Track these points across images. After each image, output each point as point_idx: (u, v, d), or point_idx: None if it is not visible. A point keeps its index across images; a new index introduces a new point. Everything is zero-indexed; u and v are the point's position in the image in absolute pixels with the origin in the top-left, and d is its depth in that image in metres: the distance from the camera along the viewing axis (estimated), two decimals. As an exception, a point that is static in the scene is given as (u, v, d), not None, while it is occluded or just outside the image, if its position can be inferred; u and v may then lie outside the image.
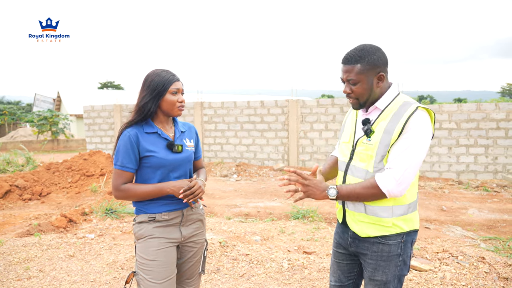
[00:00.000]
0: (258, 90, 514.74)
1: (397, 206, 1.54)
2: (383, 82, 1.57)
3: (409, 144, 1.47)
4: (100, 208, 5.16)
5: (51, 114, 19.23)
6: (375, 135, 1.54)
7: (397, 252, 1.57)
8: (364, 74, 1.53)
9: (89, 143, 11.99)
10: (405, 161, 1.46)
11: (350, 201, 1.61)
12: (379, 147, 1.52)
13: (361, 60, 1.52)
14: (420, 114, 1.48)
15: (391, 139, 1.49)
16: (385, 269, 1.58)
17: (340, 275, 1.78)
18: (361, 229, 1.61)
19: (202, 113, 10.68)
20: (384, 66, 1.55)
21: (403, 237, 1.57)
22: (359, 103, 1.59)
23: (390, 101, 1.57)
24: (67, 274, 3.24)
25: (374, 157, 1.53)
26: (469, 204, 6.12)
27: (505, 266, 3.20)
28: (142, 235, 1.76)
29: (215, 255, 3.58)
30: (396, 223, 1.55)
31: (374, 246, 1.58)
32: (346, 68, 1.55)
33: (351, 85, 1.56)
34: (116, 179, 1.73)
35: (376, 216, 1.56)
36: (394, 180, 1.45)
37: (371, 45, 1.55)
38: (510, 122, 8.09)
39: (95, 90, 32.92)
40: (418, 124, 1.47)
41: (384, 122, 1.53)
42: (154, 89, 1.72)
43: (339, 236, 1.77)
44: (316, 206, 5.53)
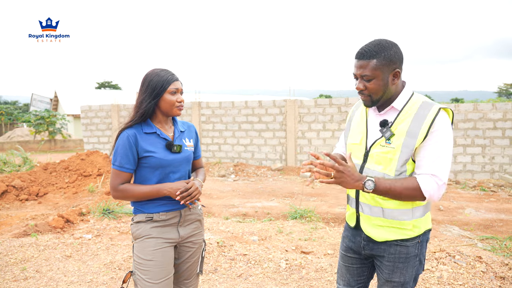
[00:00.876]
0: (256, 90, 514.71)
1: (416, 208, 1.51)
2: (398, 80, 1.50)
3: (442, 150, 1.42)
4: (98, 208, 5.15)
5: (48, 114, 19.16)
6: (396, 137, 1.47)
7: (415, 252, 1.55)
8: (380, 70, 1.45)
9: (86, 143, 11.95)
10: (444, 168, 1.42)
11: (381, 198, 1.52)
12: (402, 150, 1.45)
13: (377, 55, 1.44)
14: (444, 116, 1.44)
15: (416, 142, 1.43)
16: (403, 270, 1.55)
17: (349, 278, 1.75)
18: (378, 234, 1.56)
19: (199, 113, 10.67)
20: (400, 63, 1.49)
21: (420, 237, 1.55)
22: (372, 100, 1.52)
23: (407, 100, 1.51)
24: (64, 275, 3.22)
25: (395, 161, 1.47)
26: (466, 203, 6.14)
27: (501, 265, 3.21)
28: (139, 235, 1.75)
29: (213, 255, 3.57)
30: (416, 224, 1.52)
31: (392, 248, 1.55)
32: (361, 63, 1.47)
33: (365, 81, 1.49)
34: (114, 179, 1.72)
35: (396, 220, 1.52)
36: (436, 186, 1.41)
37: (387, 40, 1.49)
38: (507, 122, 8.12)
39: (92, 90, 32.83)
40: (444, 127, 1.43)
41: (405, 124, 1.46)
42: (153, 89, 1.71)
43: (349, 240, 1.71)
44: (313, 206, 5.54)
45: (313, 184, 1.48)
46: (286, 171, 9.31)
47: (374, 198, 1.54)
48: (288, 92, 11.08)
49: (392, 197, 1.45)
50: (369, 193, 1.50)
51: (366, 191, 1.43)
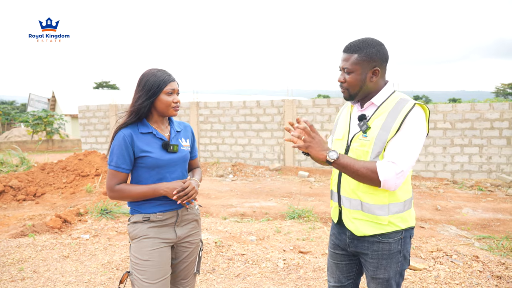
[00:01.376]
0: (254, 90, 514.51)
1: (393, 204, 1.55)
2: (378, 78, 1.56)
3: (408, 141, 1.47)
4: (95, 208, 5.14)
5: (46, 114, 19.10)
6: (371, 131, 1.53)
7: (398, 248, 1.58)
8: (359, 65, 1.53)
9: (84, 143, 11.93)
10: (405, 157, 1.46)
11: (360, 191, 1.57)
12: (376, 143, 1.51)
13: (359, 51, 1.52)
14: (417, 111, 1.49)
15: (388, 135, 1.48)
16: (387, 266, 1.58)
17: (339, 275, 1.78)
18: (356, 228, 1.60)
19: (197, 113, 10.67)
20: (381, 62, 1.54)
21: (402, 234, 1.58)
22: (349, 93, 1.59)
23: (386, 97, 1.57)
24: (62, 275, 3.22)
25: (369, 153, 1.52)
26: (463, 203, 6.16)
27: (498, 264, 3.22)
28: (136, 235, 1.75)
29: (211, 255, 3.57)
30: (392, 221, 1.55)
31: (374, 245, 1.58)
32: (345, 56, 1.56)
33: (345, 74, 1.57)
34: (110, 179, 1.72)
35: (372, 214, 1.55)
36: (394, 174, 1.45)
37: (374, 39, 1.55)
38: (504, 122, 8.16)
39: (90, 90, 32.76)
40: (415, 122, 1.48)
41: (381, 118, 1.53)
42: (149, 90, 1.71)
43: (335, 237, 1.75)
44: (311, 206, 5.54)
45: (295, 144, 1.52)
46: (284, 171, 9.32)
47: (354, 191, 1.59)
48: (286, 92, 11.09)
49: (350, 173, 1.49)
50: (350, 187, 1.59)
51: (327, 161, 1.48)
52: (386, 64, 1.58)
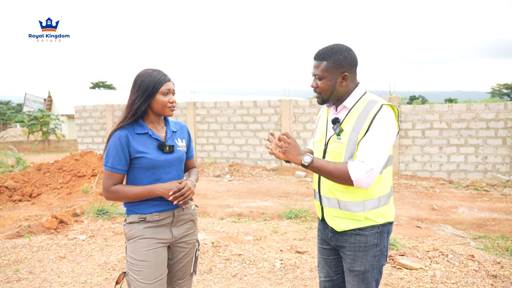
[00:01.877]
0: (251, 90, 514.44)
1: (367, 200, 1.61)
2: (347, 82, 1.62)
3: (376, 140, 1.53)
4: (92, 209, 5.12)
5: (42, 114, 19.00)
6: (344, 133, 1.60)
7: (374, 242, 1.64)
8: (329, 72, 1.60)
9: (80, 143, 11.88)
10: (374, 156, 1.52)
11: (336, 190, 1.65)
12: (348, 144, 1.58)
13: (328, 58, 1.59)
14: (385, 112, 1.55)
15: (358, 136, 1.55)
16: (363, 259, 1.64)
17: (328, 270, 1.85)
18: (336, 224, 1.68)
19: (195, 113, 10.65)
20: (350, 67, 1.62)
21: (379, 228, 1.64)
22: (322, 98, 1.66)
23: (357, 100, 1.64)
24: (58, 276, 3.21)
25: (343, 154, 1.59)
26: (459, 203, 6.20)
27: (494, 264, 3.24)
28: (132, 235, 1.75)
29: (208, 255, 3.57)
30: (368, 216, 1.61)
31: (352, 238, 1.65)
32: (315, 63, 1.64)
33: (317, 80, 1.64)
34: (106, 180, 1.72)
35: (349, 211, 1.62)
36: (364, 172, 1.50)
37: (342, 45, 1.62)
38: (500, 122, 8.21)
39: (86, 90, 32.62)
40: (384, 121, 1.54)
41: (352, 120, 1.60)
42: (145, 90, 1.71)
43: (321, 233, 1.83)
44: (308, 206, 5.55)
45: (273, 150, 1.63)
46: (281, 171, 9.32)
47: (331, 191, 1.66)
48: (283, 92, 11.10)
49: (324, 175, 1.57)
50: (327, 187, 1.67)
51: (302, 165, 1.56)
52: (355, 68, 1.65)
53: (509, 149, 8.21)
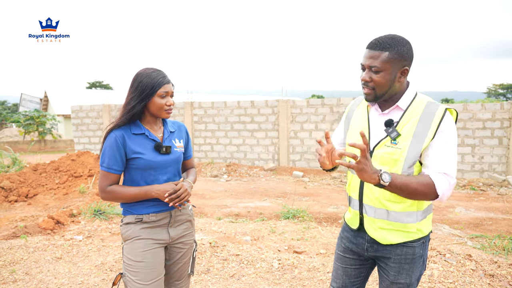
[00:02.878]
0: (248, 90, 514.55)
1: (421, 211, 1.51)
2: (405, 78, 1.47)
3: (450, 148, 1.41)
4: (89, 209, 5.10)
5: (38, 114, 18.91)
6: (403, 138, 1.44)
7: (420, 253, 1.55)
8: (390, 64, 1.41)
9: (77, 143, 11.83)
10: (453, 168, 1.41)
11: (386, 200, 1.49)
12: (410, 151, 1.42)
13: (391, 48, 1.41)
14: (450, 117, 1.44)
15: (424, 143, 1.41)
16: (409, 271, 1.54)
17: (345, 280, 1.72)
18: (382, 236, 1.54)
19: (192, 113, 10.63)
20: (410, 61, 1.45)
21: (424, 238, 1.55)
22: (376, 94, 1.47)
23: (411, 100, 1.48)
24: (54, 277, 3.19)
25: (402, 162, 1.44)
26: (456, 202, 6.21)
27: (491, 263, 3.25)
28: (129, 236, 1.73)
29: (205, 255, 3.56)
30: (420, 228, 1.52)
31: (398, 249, 1.53)
32: (372, 53, 1.43)
33: (372, 73, 1.44)
34: (102, 180, 1.70)
35: (400, 222, 1.50)
36: (448, 185, 1.39)
37: (402, 36, 1.45)
38: (496, 122, 8.24)
39: (83, 90, 32.50)
40: (451, 127, 1.42)
41: (411, 124, 1.44)
42: (142, 91, 1.68)
43: (349, 241, 1.68)
44: (306, 206, 5.55)
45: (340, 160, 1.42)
46: (279, 171, 9.32)
47: (379, 200, 1.51)
48: (280, 92, 11.10)
49: (406, 193, 1.38)
50: (375, 195, 1.50)
51: (382, 184, 1.34)
52: (411, 64, 1.49)
53: (505, 149, 8.25)
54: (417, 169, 1.47)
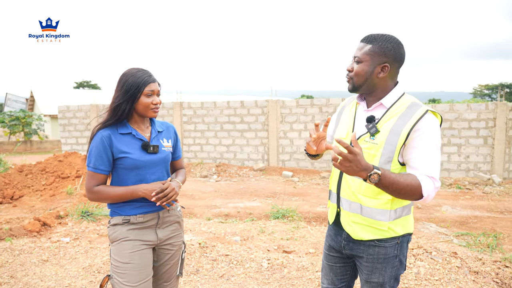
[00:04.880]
0: (238, 90, 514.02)
1: (394, 210, 1.51)
2: (385, 75, 1.49)
3: (433, 150, 1.43)
4: (76, 210, 5.03)
5: (24, 114, 18.56)
6: (381, 134, 1.47)
7: (394, 253, 1.55)
8: (370, 56, 1.47)
9: (64, 144, 11.65)
10: (437, 169, 1.43)
11: (362, 194, 1.51)
12: (385, 147, 1.45)
13: (375, 42, 1.47)
14: (431, 117, 1.44)
15: (398, 140, 1.43)
16: (382, 271, 1.56)
17: (333, 277, 1.75)
18: (354, 231, 1.57)
19: (181, 113, 10.58)
20: (393, 60, 1.48)
21: (399, 239, 1.55)
22: (353, 84, 1.52)
23: (396, 99, 1.51)
24: (41, 280, 3.14)
25: (378, 157, 1.47)
26: (443, 201, 6.32)
27: (475, 260, 3.32)
28: (116, 237, 1.72)
29: (195, 256, 3.55)
30: (391, 227, 1.52)
31: (370, 249, 1.55)
32: (359, 45, 1.52)
33: (355, 63, 1.52)
34: (88, 181, 1.69)
35: (372, 219, 1.52)
36: (433, 188, 1.42)
37: (394, 37, 1.50)
38: (481, 122, 8.41)
39: (70, 90, 32.02)
40: (430, 127, 1.42)
41: (391, 122, 1.47)
42: (127, 90, 1.67)
43: (331, 239, 1.72)
44: (295, 206, 5.58)
45: None
46: (268, 171, 9.34)
47: (354, 194, 1.54)
48: (270, 92, 11.12)
49: (392, 191, 1.39)
50: (351, 189, 1.54)
51: (368, 183, 1.37)
52: (399, 65, 1.52)
53: (490, 148, 8.42)
54: (394, 168, 1.48)
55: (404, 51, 1.52)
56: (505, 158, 8.35)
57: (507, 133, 8.29)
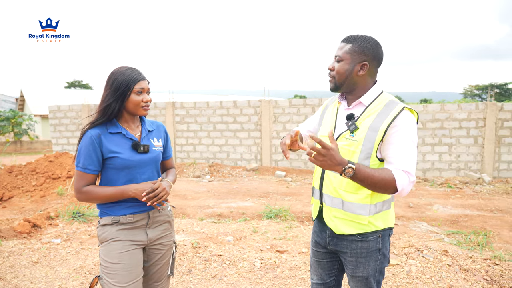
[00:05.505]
0: (230, 90, 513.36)
1: (374, 204, 1.56)
2: (365, 73, 1.55)
3: (409, 146, 1.47)
4: (67, 211, 4.98)
5: (14, 114, 18.32)
6: (360, 131, 1.52)
7: (376, 247, 1.59)
8: (350, 55, 1.54)
9: (55, 144, 11.53)
10: (413, 164, 1.48)
11: (343, 190, 1.56)
12: (364, 144, 1.50)
13: (355, 42, 1.54)
14: (407, 114, 1.50)
15: (376, 137, 1.49)
16: (366, 265, 1.60)
17: (321, 273, 1.79)
18: (336, 226, 1.61)
19: (174, 113, 10.53)
20: (372, 59, 1.55)
21: (380, 233, 1.59)
22: (335, 83, 1.58)
23: (375, 98, 1.57)
24: (31, 282, 3.09)
25: (357, 154, 1.52)
26: (434, 200, 6.38)
27: (466, 258, 3.36)
28: (105, 238, 1.70)
29: (187, 256, 3.53)
30: (372, 221, 1.56)
31: (353, 244, 1.60)
32: (340, 45, 1.59)
33: (336, 62, 1.58)
34: (78, 181, 1.66)
35: (353, 213, 1.56)
36: (408, 182, 1.47)
37: (372, 37, 1.57)
38: (471, 122, 8.51)
39: (61, 90, 31.67)
40: (407, 124, 1.48)
41: (369, 119, 1.52)
42: (117, 89, 1.65)
43: (317, 235, 1.77)
44: (288, 206, 5.58)
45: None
46: (261, 171, 9.34)
47: (336, 190, 1.59)
48: (263, 92, 11.12)
49: (367, 185, 1.45)
50: (332, 185, 1.59)
51: (343, 177, 1.44)
52: (378, 64, 1.58)
53: (480, 147, 8.52)
54: (373, 163, 1.53)
55: (382, 51, 1.58)
56: (494, 157, 8.46)
57: (496, 133, 8.40)
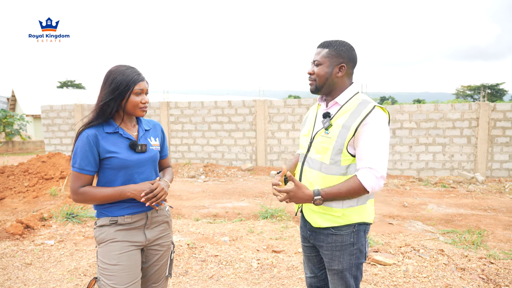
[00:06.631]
0: (225, 90, 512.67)
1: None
2: (343, 74, 1.65)
3: (377, 142, 1.55)
4: (60, 212, 4.92)
5: (5, 114, 18.10)
6: (333, 129, 1.62)
7: (350, 241, 1.65)
8: (328, 59, 1.64)
9: (47, 144, 11.40)
10: (380, 160, 1.54)
11: (316, 183, 1.66)
12: (337, 140, 1.59)
13: (331, 46, 1.65)
14: (378, 112, 1.58)
15: (348, 134, 1.57)
16: (340, 258, 1.66)
17: (312, 267, 1.87)
18: (313, 219, 1.70)
19: (168, 113, 10.47)
20: (348, 61, 1.65)
21: (355, 227, 1.65)
22: (316, 85, 1.67)
23: (349, 98, 1.66)
24: (24, 284, 3.05)
25: (331, 150, 1.61)
26: (428, 199, 6.42)
27: (462, 257, 3.38)
28: (103, 239, 1.67)
29: (183, 257, 3.51)
30: (345, 213, 1.62)
31: (329, 238, 1.67)
32: (317, 50, 1.68)
33: (315, 66, 1.67)
34: (74, 182, 1.63)
35: (328, 206, 1.63)
36: (375, 178, 1.54)
37: (346, 41, 1.68)
38: (465, 122, 8.58)
39: (54, 89, 31.36)
40: (377, 121, 1.56)
41: (343, 118, 1.61)
42: (116, 88, 1.62)
43: (302, 230, 1.86)
44: (284, 206, 5.58)
45: None
46: (256, 171, 9.33)
47: (312, 185, 1.66)
48: (257, 92, 11.11)
49: (342, 199, 1.59)
50: (308, 180, 1.69)
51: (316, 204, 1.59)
52: (353, 66, 1.68)
53: (473, 147, 8.60)
54: (346, 160, 1.61)
55: (356, 54, 1.69)
56: (487, 157, 8.54)
57: (489, 133, 8.49)
